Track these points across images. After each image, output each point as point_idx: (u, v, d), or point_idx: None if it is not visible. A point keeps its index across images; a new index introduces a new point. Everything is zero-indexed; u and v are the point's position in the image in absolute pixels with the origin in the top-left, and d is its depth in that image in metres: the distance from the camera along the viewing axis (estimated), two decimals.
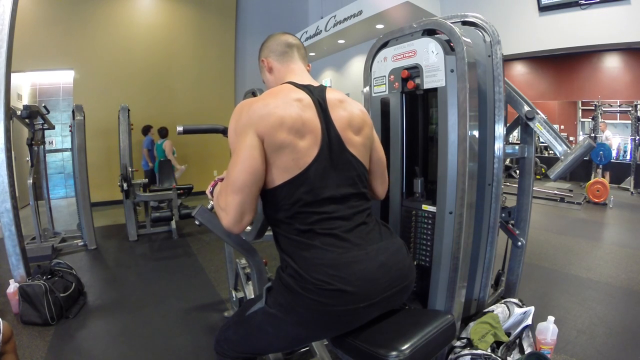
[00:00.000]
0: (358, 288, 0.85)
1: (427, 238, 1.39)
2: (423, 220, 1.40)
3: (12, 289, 2.14)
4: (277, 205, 0.91)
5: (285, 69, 1.05)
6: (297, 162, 0.87)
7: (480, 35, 1.51)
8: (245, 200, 0.84)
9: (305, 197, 0.88)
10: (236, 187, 0.84)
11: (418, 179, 1.44)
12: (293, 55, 1.06)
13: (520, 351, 1.45)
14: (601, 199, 5.36)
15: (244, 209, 0.85)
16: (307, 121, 0.89)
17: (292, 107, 0.88)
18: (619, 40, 3.87)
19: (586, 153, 1.59)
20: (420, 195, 1.44)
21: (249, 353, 1.04)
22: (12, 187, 2.30)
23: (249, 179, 0.84)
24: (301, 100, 0.91)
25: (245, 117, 0.86)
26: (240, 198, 0.84)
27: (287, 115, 0.86)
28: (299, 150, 0.87)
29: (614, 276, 2.70)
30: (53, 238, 3.60)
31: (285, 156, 0.86)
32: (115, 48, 6.12)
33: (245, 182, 0.83)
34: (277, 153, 0.85)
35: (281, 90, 0.93)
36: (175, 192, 3.97)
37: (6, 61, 2.25)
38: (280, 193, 0.89)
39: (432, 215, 1.35)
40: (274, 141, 0.84)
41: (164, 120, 6.51)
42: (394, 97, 1.45)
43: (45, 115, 3.39)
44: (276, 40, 1.07)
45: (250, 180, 0.84)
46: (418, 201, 1.43)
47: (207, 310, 2.30)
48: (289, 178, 0.87)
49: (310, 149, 0.88)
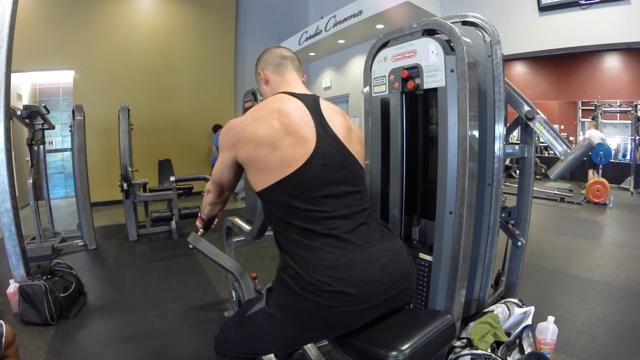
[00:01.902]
0: (358, 289, 0.85)
1: (423, 285, 1.38)
2: (419, 269, 1.39)
3: (12, 289, 2.14)
4: (275, 204, 0.93)
5: (280, 80, 1.11)
6: (283, 161, 0.90)
7: (480, 35, 1.50)
8: (220, 186, 1.12)
9: (302, 195, 0.90)
10: (215, 180, 1.11)
11: (416, 228, 1.43)
12: (287, 67, 1.12)
13: (520, 351, 1.45)
14: (601, 199, 5.37)
15: (222, 190, 1.15)
16: (293, 123, 0.93)
17: (270, 119, 0.94)
18: (619, 40, 3.87)
19: (586, 153, 1.59)
20: (418, 242, 1.43)
21: (249, 353, 1.04)
22: (12, 187, 2.30)
23: (220, 178, 1.09)
24: (282, 109, 0.96)
25: (224, 138, 1.02)
26: (217, 185, 1.12)
27: (260, 130, 0.93)
28: (288, 152, 0.91)
29: (614, 276, 2.70)
30: (53, 238, 3.60)
31: (263, 161, 0.93)
32: (115, 48, 6.12)
33: (219, 179, 1.10)
34: (252, 162, 0.95)
35: (267, 104, 1.00)
36: (175, 192, 3.97)
37: (6, 61, 2.25)
38: (275, 193, 0.91)
39: (429, 265, 1.35)
40: (244, 157, 0.97)
41: (164, 120, 6.52)
42: (394, 97, 1.45)
43: (45, 115, 3.39)
44: (271, 53, 1.14)
45: (221, 179, 1.09)
46: (415, 248, 1.42)
47: (207, 310, 2.30)
48: (282, 177, 0.90)
49: (300, 149, 0.91)
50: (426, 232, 1.46)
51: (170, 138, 6.60)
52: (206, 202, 1.22)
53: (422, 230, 1.45)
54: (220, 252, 1.50)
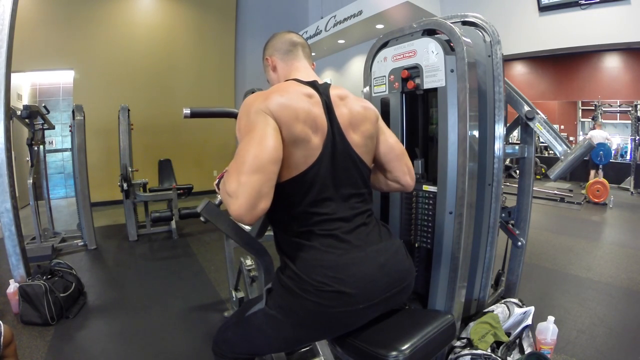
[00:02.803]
0: (357, 289, 0.85)
1: (429, 219, 1.39)
2: (424, 201, 1.40)
3: (12, 289, 2.14)
4: (279, 203, 0.89)
5: (289, 67, 1.04)
6: (305, 159, 0.85)
7: (480, 35, 1.51)
8: (264, 182, 0.72)
9: (307, 196, 0.88)
10: (253, 167, 0.72)
11: (418, 160, 1.44)
12: (297, 54, 1.05)
13: (520, 351, 1.45)
14: (601, 199, 5.36)
15: (262, 193, 0.72)
16: (317, 118, 0.88)
17: (303, 102, 0.86)
18: (619, 40, 3.87)
19: (586, 153, 1.59)
20: (421, 177, 1.44)
21: (248, 354, 1.04)
22: (12, 187, 2.30)
23: (268, 157, 0.73)
24: (311, 96, 0.90)
25: (260, 104, 0.80)
26: (258, 179, 0.71)
27: (300, 109, 0.84)
28: (310, 147, 0.86)
29: (614, 276, 2.70)
30: (53, 238, 3.59)
31: (298, 152, 0.83)
32: (115, 48, 6.11)
33: (264, 161, 0.72)
34: (290, 147, 0.81)
35: (290, 85, 0.91)
36: (175, 192, 3.97)
37: (6, 61, 2.25)
38: (283, 191, 0.86)
39: (433, 196, 1.34)
40: (292, 132, 0.80)
41: (164, 120, 6.52)
42: (394, 97, 1.45)
43: (45, 115, 3.39)
44: (281, 38, 1.06)
45: (270, 159, 0.73)
46: (419, 182, 1.42)
47: (207, 310, 2.30)
48: (295, 175, 0.85)
49: (318, 147, 0.87)
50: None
51: (170, 138, 6.59)
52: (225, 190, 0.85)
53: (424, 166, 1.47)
54: (238, 227, 1.22)
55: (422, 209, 1.42)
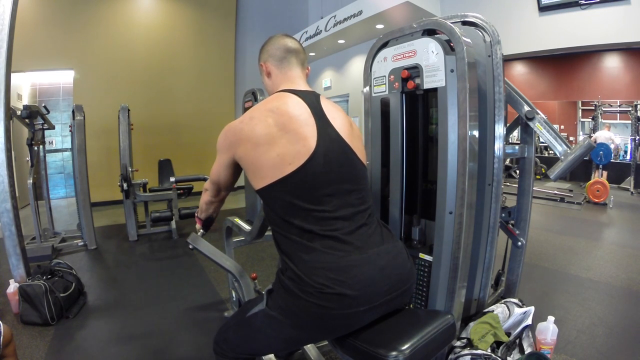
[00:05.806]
0: (358, 292, 0.85)
1: (423, 286, 1.38)
2: (420, 269, 1.39)
3: (12, 289, 2.14)
4: (276, 203, 0.92)
5: (282, 76, 1.07)
6: (283, 159, 0.89)
7: (480, 35, 1.50)
8: (218, 186, 1.14)
9: (303, 194, 0.89)
10: (212, 179, 1.13)
11: (416, 228, 1.43)
12: (291, 62, 1.07)
13: (520, 351, 1.45)
14: (601, 199, 5.36)
15: (219, 190, 1.16)
16: (291, 121, 0.92)
17: (266, 118, 0.93)
18: (619, 40, 3.87)
19: (586, 153, 1.58)
20: (417, 243, 1.43)
21: (248, 354, 1.04)
22: (12, 187, 2.30)
23: (218, 178, 1.10)
24: (279, 108, 0.95)
25: (222, 140, 1.02)
26: (215, 185, 1.14)
27: (257, 128, 0.93)
28: (298, 149, 0.90)
29: (614, 276, 2.70)
30: (53, 238, 3.60)
31: (261, 159, 0.92)
32: (115, 48, 6.12)
33: (216, 179, 1.11)
34: (250, 160, 0.94)
35: (264, 104, 0.99)
36: (175, 192, 3.97)
37: (6, 61, 2.25)
38: (275, 191, 0.90)
39: (429, 265, 1.35)
40: (242, 155, 0.97)
41: (164, 120, 6.52)
42: (394, 97, 1.45)
43: (45, 115, 3.39)
44: (276, 44, 1.07)
45: (219, 178, 1.10)
46: (415, 249, 1.43)
47: (207, 310, 2.30)
48: (282, 176, 0.89)
49: (301, 147, 0.90)
50: (426, 232, 1.46)
51: (170, 138, 6.60)
52: (203, 200, 1.23)
53: (422, 231, 1.45)
54: (220, 252, 1.50)
55: (418, 278, 1.40)
